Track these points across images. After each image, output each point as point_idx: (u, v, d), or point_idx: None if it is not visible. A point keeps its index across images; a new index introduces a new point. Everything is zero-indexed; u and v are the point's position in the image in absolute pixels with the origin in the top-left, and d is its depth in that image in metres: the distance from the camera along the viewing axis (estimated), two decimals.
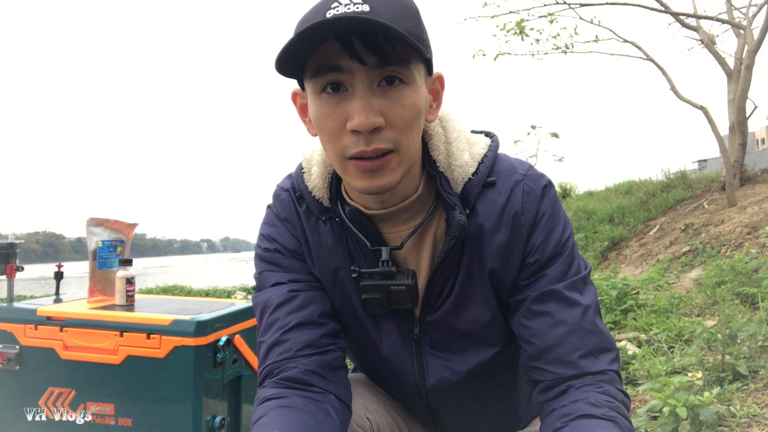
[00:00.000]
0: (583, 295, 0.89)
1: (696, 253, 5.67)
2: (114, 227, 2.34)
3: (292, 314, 0.92)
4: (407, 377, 1.00)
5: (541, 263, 0.90)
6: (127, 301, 2.10)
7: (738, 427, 2.13)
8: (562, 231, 0.92)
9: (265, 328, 0.94)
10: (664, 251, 6.45)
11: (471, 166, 0.92)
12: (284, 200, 1.02)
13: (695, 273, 5.09)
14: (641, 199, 9.39)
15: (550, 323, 0.87)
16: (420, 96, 0.83)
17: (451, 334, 0.96)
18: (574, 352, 0.85)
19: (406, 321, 0.97)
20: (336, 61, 0.78)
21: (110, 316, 1.90)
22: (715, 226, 6.16)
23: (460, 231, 0.88)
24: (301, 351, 0.89)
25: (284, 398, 0.84)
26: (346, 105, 0.79)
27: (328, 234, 0.97)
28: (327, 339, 0.92)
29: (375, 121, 0.78)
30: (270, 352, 0.91)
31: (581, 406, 0.79)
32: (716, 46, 8.05)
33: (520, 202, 0.91)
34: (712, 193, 8.21)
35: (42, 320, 1.93)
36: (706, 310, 3.85)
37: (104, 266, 2.27)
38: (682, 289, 4.66)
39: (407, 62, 0.79)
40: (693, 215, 7.44)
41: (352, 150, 0.80)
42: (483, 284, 0.93)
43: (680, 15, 7.99)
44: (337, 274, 0.97)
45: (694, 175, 10.59)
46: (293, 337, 0.90)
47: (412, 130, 0.83)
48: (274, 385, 0.88)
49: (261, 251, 1.02)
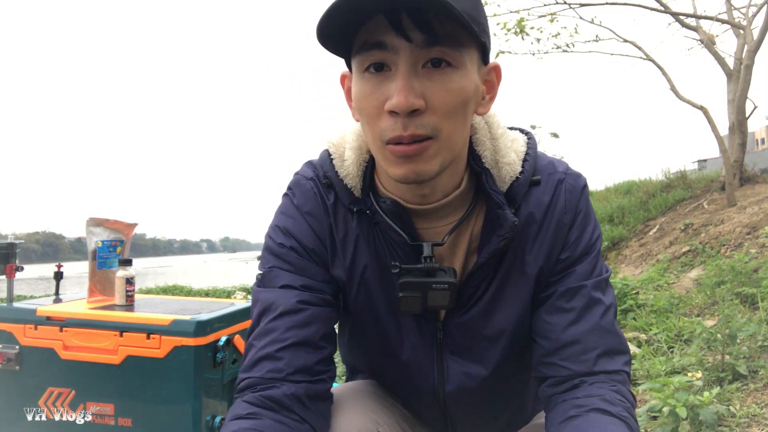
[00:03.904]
0: (605, 295, 0.88)
1: (696, 253, 5.67)
2: (114, 227, 2.34)
3: (293, 329, 0.85)
4: (426, 382, 0.95)
5: (572, 260, 0.89)
6: (127, 301, 2.10)
7: (738, 427, 2.13)
8: (593, 230, 0.91)
9: (260, 333, 0.87)
10: (664, 251, 6.45)
11: (517, 164, 0.89)
12: (308, 190, 0.93)
13: (695, 273, 5.09)
14: (641, 199, 9.40)
15: (572, 320, 0.86)
16: (469, 82, 0.76)
17: (476, 337, 0.92)
18: (592, 350, 0.84)
19: (428, 324, 0.93)
20: (380, 38, 0.72)
21: (110, 316, 1.89)
22: (715, 226, 6.16)
23: (513, 232, 0.84)
24: (292, 375, 0.82)
25: (257, 420, 0.79)
26: (388, 85, 0.74)
27: (356, 228, 0.90)
28: (321, 366, 0.86)
29: (414, 103, 0.72)
30: (259, 364, 0.84)
31: (595, 400, 0.79)
32: (716, 46, 8.05)
33: (563, 201, 0.89)
34: (711, 193, 8.21)
35: (42, 320, 1.92)
36: (706, 310, 3.85)
37: (104, 266, 2.27)
38: (681, 289, 4.66)
39: (458, 44, 0.73)
40: (693, 215, 7.44)
41: (389, 134, 0.75)
42: (519, 286, 0.90)
43: (680, 15, 7.99)
44: (364, 272, 0.91)
45: (694, 175, 10.59)
46: (288, 357, 0.83)
47: (456, 118, 0.76)
48: (253, 401, 0.81)
49: (274, 245, 0.92)
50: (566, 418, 0.79)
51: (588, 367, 0.83)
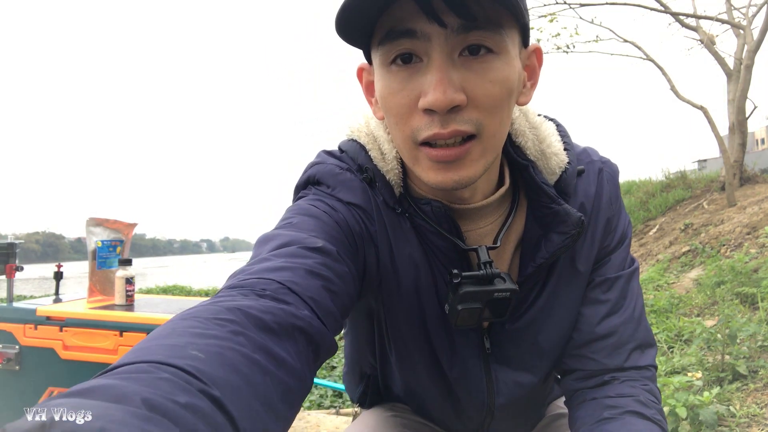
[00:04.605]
0: (637, 285, 0.85)
1: (696, 253, 5.67)
2: (113, 227, 2.34)
3: (308, 260, 0.62)
4: (475, 398, 0.86)
5: (609, 249, 0.84)
6: (127, 301, 2.10)
7: (738, 427, 2.13)
8: (626, 218, 0.87)
9: (261, 259, 0.62)
10: (664, 251, 6.45)
11: (563, 154, 0.79)
12: (351, 181, 0.77)
13: (695, 273, 5.09)
14: (641, 199, 9.40)
15: (607, 311, 0.81)
16: (512, 70, 0.66)
17: (528, 345, 0.84)
18: (625, 344, 0.80)
19: (474, 333, 0.83)
20: (409, 24, 0.62)
21: (110, 316, 1.90)
22: (715, 226, 6.16)
23: (580, 228, 0.75)
24: (302, 298, 0.56)
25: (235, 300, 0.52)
26: (419, 79, 0.64)
27: (410, 232, 0.77)
28: (331, 320, 0.59)
29: (454, 98, 0.62)
30: (251, 270, 0.59)
31: (629, 401, 0.75)
32: (716, 46, 8.05)
33: (607, 190, 0.83)
34: (711, 193, 8.21)
35: (42, 320, 1.93)
36: (706, 310, 3.85)
37: (104, 266, 2.27)
38: (681, 289, 4.66)
39: (498, 26, 0.63)
40: (693, 215, 7.44)
41: (424, 133, 0.64)
42: (572, 287, 0.82)
43: (680, 15, 7.99)
44: (417, 282, 0.78)
45: (694, 175, 10.59)
46: (303, 281, 0.58)
47: (500, 112, 0.66)
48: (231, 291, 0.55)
49: (304, 203, 0.74)
50: (600, 419, 0.75)
51: (620, 362, 0.80)
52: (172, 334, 0.44)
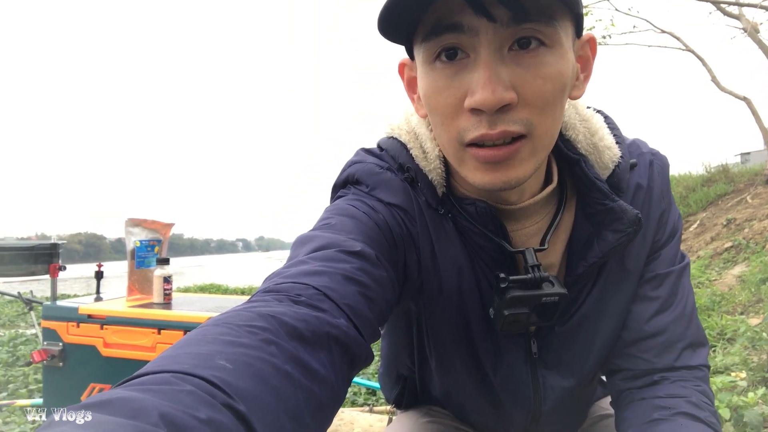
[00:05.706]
0: (688, 283, 0.81)
1: (739, 249, 5.49)
2: (151, 227, 2.40)
3: (346, 264, 0.61)
4: (521, 405, 0.83)
5: (660, 244, 0.80)
6: (165, 300, 2.15)
7: None
8: (676, 211, 0.83)
9: (297, 262, 0.61)
10: (705, 247, 6.27)
11: (616, 147, 0.75)
12: (391, 181, 0.75)
13: (738, 269, 4.93)
14: (681, 194, 9.15)
15: (657, 309, 0.78)
16: (566, 64, 0.62)
17: (576, 349, 0.81)
18: (676, 343, 0.77)
19: (521, 337, 0.80)
20: (455, 18, 0.59)
21: (148, 314, 1.94)
22: (759, 221, 5.96)
23: (636, 226, 0.71)
24: (338, 305, 0.55)
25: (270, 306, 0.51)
26: (466, 76, 0.60)
27: (453, 233, 0.75)
28: (368, 328, 0.58)
29: (503, 97, 0.58)
30: (287, 273, 0.58)
31: (681, 402, 0.73)
32: (760, 35, 7.78)
33: (659, 183, 0.79)
34: (755, 187, 7.93)
35: (83, 318, 1.99)
36: (750, 308, 3.73)
37: (142, 265, 2.33)
38: (724, 287, 4.52)
39: (551, 17, 0.59)
40: (735, 210, 7.20)
41: (471, 134, 0.61)
42: (622, 287, 0.79)
43: (721, 3, 7.74)
44: (461, 286, 0.76)
45: (737, 168, 10.25)
46: (340, 287, 0.57)
47: (553, 110, 0.62)
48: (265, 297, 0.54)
49: (343, 203, 0.73)
50: (650, 420, 0.72)
51: (670, 362, 0.77)
52: (202, 340, 0.43)
